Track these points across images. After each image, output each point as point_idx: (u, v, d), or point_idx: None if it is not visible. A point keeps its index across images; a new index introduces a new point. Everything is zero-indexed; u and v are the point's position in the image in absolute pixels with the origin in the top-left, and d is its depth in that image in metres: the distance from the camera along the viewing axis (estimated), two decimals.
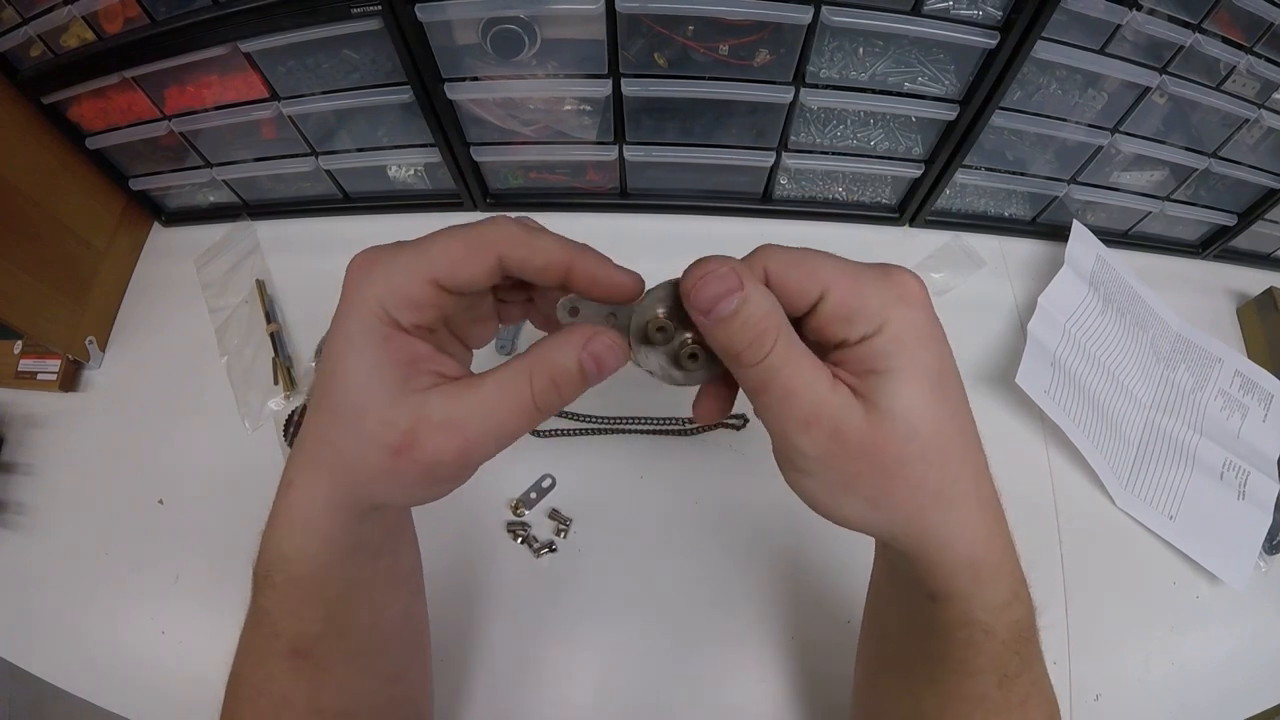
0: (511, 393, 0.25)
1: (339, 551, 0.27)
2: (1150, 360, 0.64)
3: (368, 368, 0.25)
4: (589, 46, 0.54)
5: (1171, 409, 0.62)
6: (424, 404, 0.25)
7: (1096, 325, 0.63)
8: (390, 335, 0.25)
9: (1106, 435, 0.59)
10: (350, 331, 0.25)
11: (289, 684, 0.29)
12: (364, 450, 0.25)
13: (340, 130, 0.64)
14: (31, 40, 0.55)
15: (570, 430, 0.59)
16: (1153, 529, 0.57)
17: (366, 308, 0.25)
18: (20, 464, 0.61)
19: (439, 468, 0.25)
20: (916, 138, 0.63)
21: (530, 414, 0.26)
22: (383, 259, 0.25)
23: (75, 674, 0.52)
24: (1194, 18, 0.52)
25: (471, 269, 0.25)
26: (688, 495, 0.57)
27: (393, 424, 0.24)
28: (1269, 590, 0.57)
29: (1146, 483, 0.59)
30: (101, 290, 0.68)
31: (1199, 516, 0.57)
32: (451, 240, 0.25)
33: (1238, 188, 0.67)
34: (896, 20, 0.51)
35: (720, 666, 0.52)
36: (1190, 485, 0.59)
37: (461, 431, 0.25)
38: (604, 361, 0.26)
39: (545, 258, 0.26)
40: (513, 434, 0.26)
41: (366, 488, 0.26)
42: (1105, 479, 0.58)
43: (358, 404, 0.25)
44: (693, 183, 0.69)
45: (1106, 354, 0.62)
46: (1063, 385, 0.59)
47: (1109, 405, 0.60)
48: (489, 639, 0.52)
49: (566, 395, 0.26)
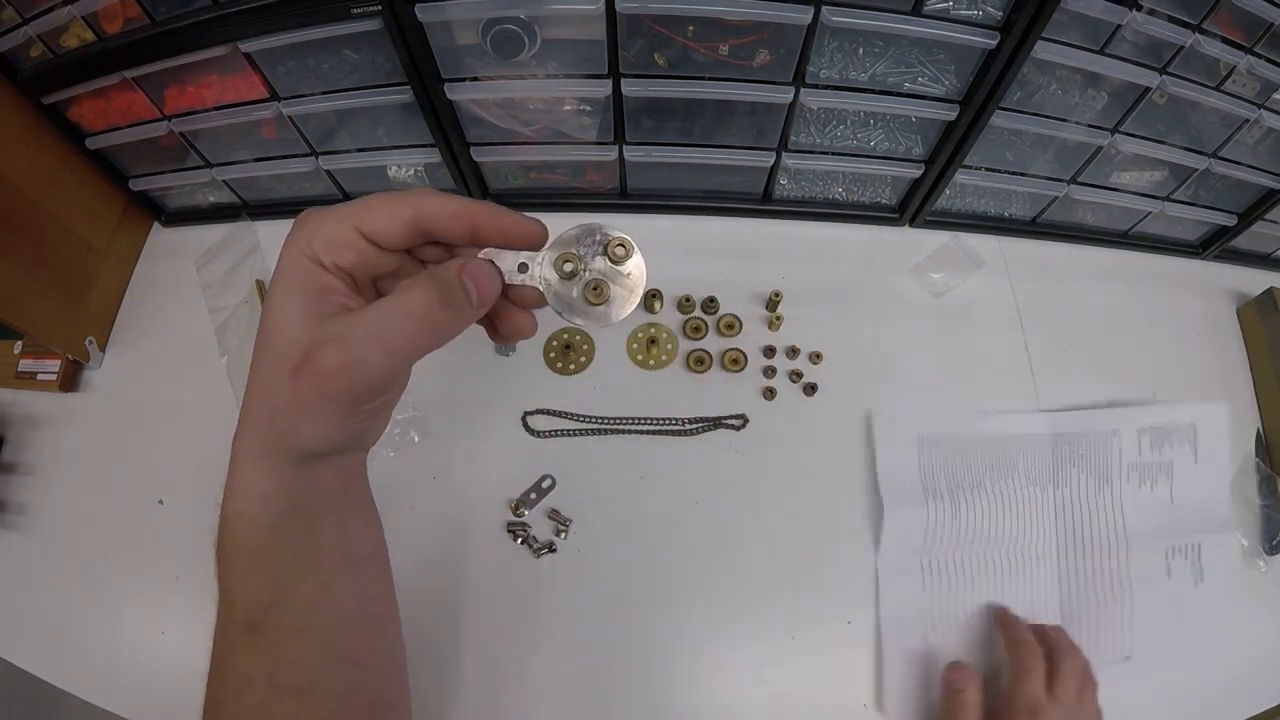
0: (395, 307, 0.28)
1: (273, 510, 0.29)
2: (1033, 498, 0.56)
3: (286, 299, 0.28)
4: (589, 46, 0.54)
5: (1080, 538, 0.56)
6: (324, 326, 0.27)
7: (951, 531, 0.55)
8: (310, 270, 0.28)
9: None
10: (281, 270, 0.28)
11: (247, 659, 0.30)
12: (273, 375, 0.27)
13: (340, 130, 0.64)
14: (31, 40, 0.55)
15: (570, 430, 0.59)
16: (1110, 683, 0.49)
17: (297, 248, 0.28)
18: (20, 464, 0.61)
19: (328, 381, 0.27)
20: (916, 138, 0.63)
21: (418, 325, 0.28)
22: (319, 211, 0.29)
23: (75, 674, 0.52)
24: (1194, 18, 0.52)
25: (388, 219, 0.28)
26: (688, 495, 0.57)
27: (295, 343, 0.27)
28: (1269, 590, 0.57)
29: (1089, 640, 0.52)
30: (101, 290, 0.68)
31: (1159, 635, 0.53)
32: (377, 197, 0.29)
33: (1238, 188, 0.67)
34: (896, 20, 0.51)
35: (720, 666, 0.52)
36: (1134, 610, 0.54)
37: (348, 343, 0.27)
38: (479, 279, 0.29)
39: (453, 205, 0.29)
40: (400, 348, 0.28)
41: (280, 421, 0.28)
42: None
43: (275, 331, 0.28)
44: (693, 183, 0.69)
45: (980, 546, 0.55)
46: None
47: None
48: (489, 639, 0.52)
49: (454, 307, 0.29)
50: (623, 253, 0.31)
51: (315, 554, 0.31)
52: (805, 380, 0.61)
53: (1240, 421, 0.64)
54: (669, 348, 0.63)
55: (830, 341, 0.62)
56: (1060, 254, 0.71)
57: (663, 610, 0.53)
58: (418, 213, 0.29)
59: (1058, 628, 0.52)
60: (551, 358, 0.63)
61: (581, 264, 0.30)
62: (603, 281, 0.30)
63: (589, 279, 0.31)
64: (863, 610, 0.53)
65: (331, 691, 0.33)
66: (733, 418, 0.60)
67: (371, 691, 0.36)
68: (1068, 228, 0.72)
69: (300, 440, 0.28)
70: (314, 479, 0.30)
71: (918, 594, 0.54)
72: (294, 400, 0.27)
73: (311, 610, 0.31)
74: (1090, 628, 0.54)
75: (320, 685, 0.32)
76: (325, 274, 0.28)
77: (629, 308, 0.31)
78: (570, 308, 0.31)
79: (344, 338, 0.27)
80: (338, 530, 0.32)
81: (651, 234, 0.29)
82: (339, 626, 0.33)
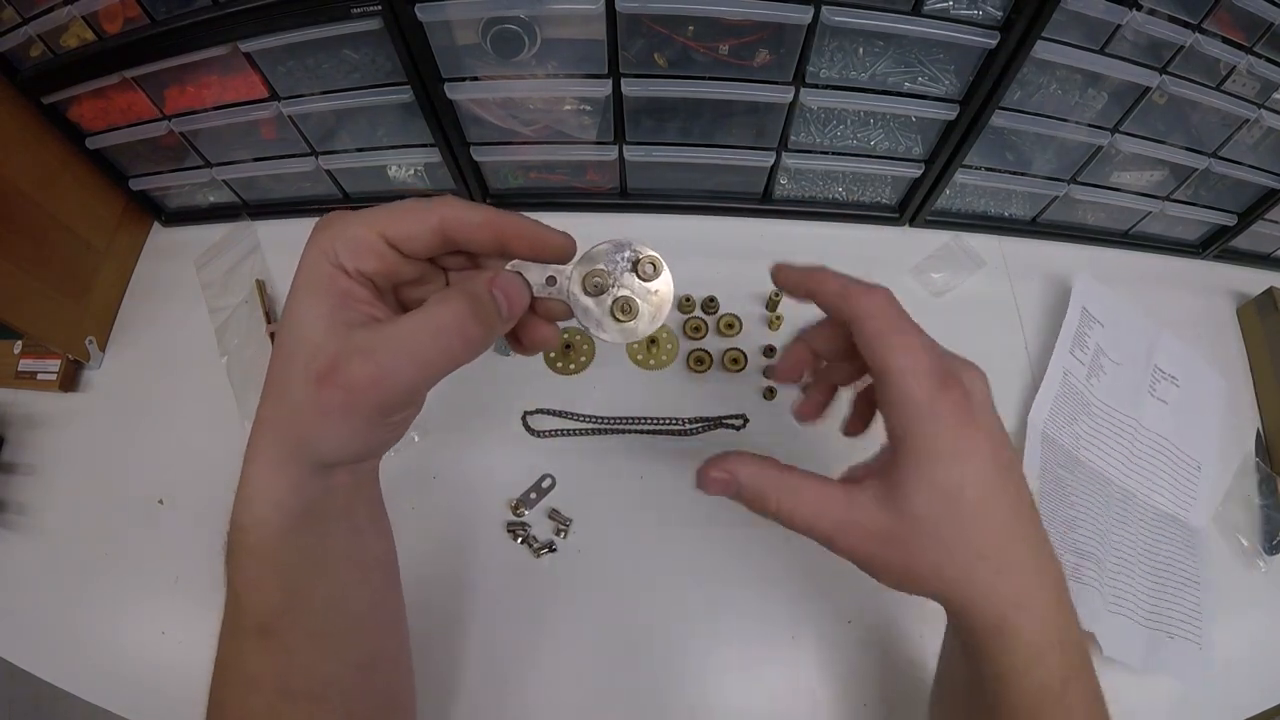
0: (426, 320, 0.27)
1: (288, 516, 0.28)
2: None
3: (309, 304, 0.27)
4: (589, 46, 0.54)
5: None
6: (350, 335, 0.27)
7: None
8: (334, 275, 0.28)
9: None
10: (303, 274, 0.28)
11: (257, 662, 0.30)
12: (297, 383, 0.27)
13: (340, 130, 0.64)
14: (31, 40, 0.55)
15: (570, 430, 0.59)
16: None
17: (320, 252, 0.28)
18: (20, 464, 0.61)
19: (357, 394, 0.26)
20: (916, 138, 0.63)
21: (447, 341, 0.27)
22: (343, 215, 0.29)
23: (75, 674, 0.52)
24: (1194, 18, 0.52)
25: (414, 225, 0.28)
26: (687, 495, 0.56)
27: (321, 350, 0.26)
28: (1269, 590, 0.57)
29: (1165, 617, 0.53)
30: (101, 290, 0.68)
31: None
32: (402, 204, 0.29)
33: (1238, 188, 0.67)
34: (896, 20, 0.51)
35: (721, 667, 0.52)
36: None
37: (375, 356, 0.26)
38: (509, 292, 0.29)
39: (481, 215, 0.28)
40: (432, 362, 0.27)
41: (301, 429, 0.27)
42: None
43: (298, 337, 0.27)
44: (693, 183, 0.69)
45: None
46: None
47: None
48: (489, 639, 0.52)
49: (484, 322, 0.28)
50: (652, 271, 0.31)
51: (329, 559, 0.31)
52: (804, 380, 0.61)
53: (1240, 421, 0.65)
54: (669, 348, 0.63)
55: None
56: (1060, 254, 0.71)
57: (662, 610, 0.53)
58: (444, 221, 0.28)
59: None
60: (551, 357, 0.63)
61: (610, 279, 0.31)
62: (631, 299, 0.31)
63: (618, 295, 0.31)
64: (863, 610, 0.53)
65: (343, 695, 0.33)
66: (733, 417, 0.60)
67: (381, 694, 0.36)
68: (1068, 228, 0.72)
69: (321, 449, 0.28)
70: (330, 485, 0.29)
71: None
72: (318, 409, 0.26)
73: (324, 615, 0.31)
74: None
75: (332, 689, 0.32)
76: (348, 279, 0.28)
77: (655, 325, 0.32)
78: (597, 323, 0.31)
79: (373, 350, 0.26)
80: (351, 534, 0.32)
81: (652, 234, 0.29)
82: (351, 630, 0.33)
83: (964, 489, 0.28)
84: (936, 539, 0.28)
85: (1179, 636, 0.52)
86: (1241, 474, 0.61)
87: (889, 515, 0.29)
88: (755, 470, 0.31)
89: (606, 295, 0.31)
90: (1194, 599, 0.54)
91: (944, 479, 0.28)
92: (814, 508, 0.30)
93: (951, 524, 0.28)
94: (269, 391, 0.28)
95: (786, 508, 0.31)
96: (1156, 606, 0.54)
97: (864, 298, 0.31)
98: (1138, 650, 0.51)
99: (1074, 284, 0.66)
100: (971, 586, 0.29)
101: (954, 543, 0.28)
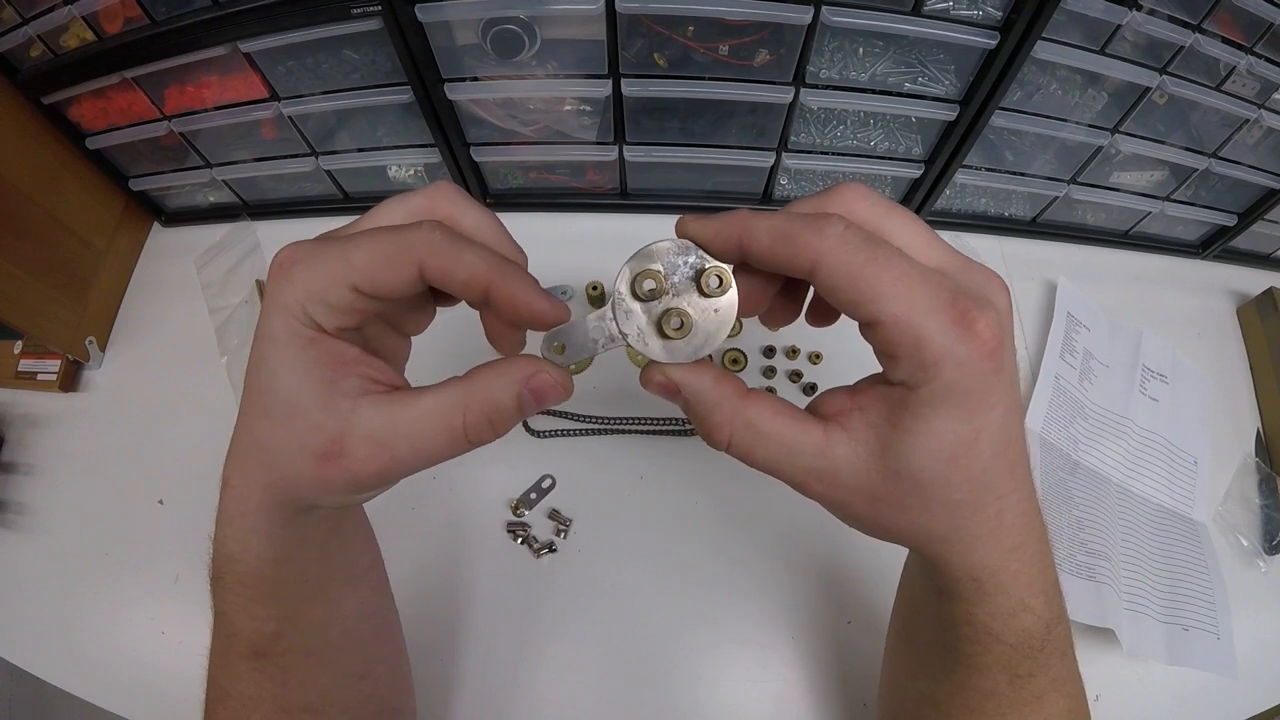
0: (443, 421, 0.25)
1: (282, 548, 0.27)
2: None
3: (294, 369, 0.24)
4: (589, 46, 0.54)
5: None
6: (353, 412, 0.24)
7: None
8: (315, 338, 0.24)
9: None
10: (274, 332, 0.24)
11: (254, 684, 0.29)
12: (292, 453, 0.25)
13: (340, 130, 0.64)
14: (31, 40, 0.55)
15: (570, 430, 0.59)
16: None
17: (288, 309, 0.24)
18: (20, 464, 0.61)
19: (363, 479, 0.25)
20: (916, 138, 0.63)
21: (460, 444, 0.26)
22: (303, 259, 0.24)
23: (75, 674, 0.52)
24: (1194, 18, 0.52)
25: (391, 278, 0.24)
26: (688, 495, 0.57)
27: (321, 428, 0.24)
28: (1269, 590, 0.57)
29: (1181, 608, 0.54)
30: (101, 290, 0.68)
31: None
32: (374, 245, 0.24)
33: (1238, 188, 0.67)
34: (896, 20, 0.51)
35: (720, 667, 0.52)
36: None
37: (389, 450, 0.25)
38: (545, 397, 0.26)
39: (468, 273, 0.24)
40: (439, 459, 0.26)
41: (295, 489, 0.25)
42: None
43: (287, 404, 0.24)
44: (693, 183, 0.69)
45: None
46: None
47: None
48: (489, 639, 0.52)
49: (500, 429, 0.26)
50: (718, 285, 0.25)
51: (319, 577, 0.30)
52: (805, 380, 0.61)
53: (1240, 421, 0.65)
54: None
55: (830, 342, 0.62)
56: (1060, 254, 0.71)
57: (662, 610, 0.53)
58: (425, 270, 0.24)
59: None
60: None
61: (667, 284, 0.26)
62: (687, 313, 0.25)
63: (671, 305, 0.26)
64: (863, 610, 0.53)
65: (342, 706, 0.33)
66: None
67: (380, 700, 0.36)
68: (1068, 228, 0.72)
69: (313, 501, 0.26)
70: (322, 518, 0.29)
71: None
72: (317, 480, 0.25)
73: (318, 631, 0.31)
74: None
75: (330, 702, 0.32)
76: (330, 340, 0.25)
77: (707, 349, 0.26)
78: (639, 332, 0.26)
79: (384, 443, 0.24)
80: (340, 549, 0.32)
81: (652, 234, 0.28)
82: (345, 643, 0.33)
83: (977, 445, 0.23)
84: (931, 498, 0.24)
85: (1194, 628, 0.53)
86: (1241, 474, 0.61)
87: (878, 472, 0.24)
88: (708, 384, 0.26)
89: (658, 303, 0.26)
90: (1206, 591, 0.55)
91: (954, 438, 0.23)
92: (781, 450, 0.25)
93: (954, 486, 0.24)
94: (250, 442, 0.26)
95: (744, 444, 0.26)
96: (1172, 600, 0.54)
97: (812, 239, 0.23)
98: (1159, 647, 0.52)
99: (1057, 289, 0.66)
100: (961, 542, 0.25)
101: (953, 504, 0.24)
